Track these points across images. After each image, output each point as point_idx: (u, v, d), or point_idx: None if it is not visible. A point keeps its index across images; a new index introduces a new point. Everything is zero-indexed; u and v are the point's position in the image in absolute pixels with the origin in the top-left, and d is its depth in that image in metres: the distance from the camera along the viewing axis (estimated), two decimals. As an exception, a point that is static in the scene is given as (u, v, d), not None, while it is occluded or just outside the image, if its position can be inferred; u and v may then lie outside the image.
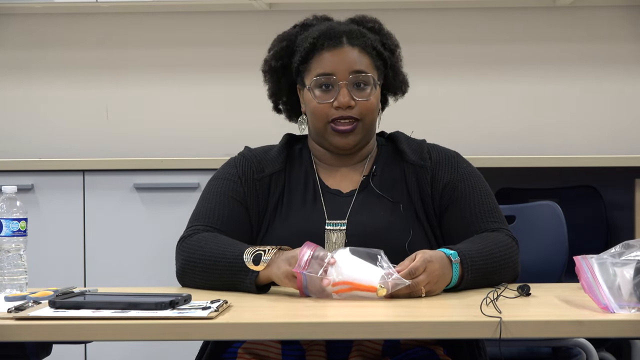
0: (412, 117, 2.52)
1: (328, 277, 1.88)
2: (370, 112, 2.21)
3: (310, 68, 2.22)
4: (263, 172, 2.24)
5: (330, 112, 2.19)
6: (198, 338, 1.75)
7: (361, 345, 2.00)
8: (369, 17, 2.32)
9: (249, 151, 2.30)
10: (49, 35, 4.38)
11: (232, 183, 2.23)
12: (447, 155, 2.27)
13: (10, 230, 1.96)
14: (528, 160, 3.84)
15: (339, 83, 2.18)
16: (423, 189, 2.21)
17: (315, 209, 2.20)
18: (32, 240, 2.08)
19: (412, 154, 2.25)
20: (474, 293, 1.93)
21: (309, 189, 2.23)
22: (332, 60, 2.19)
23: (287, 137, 2.33)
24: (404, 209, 2.19)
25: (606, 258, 1.72)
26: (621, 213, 4.02)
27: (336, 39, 2.20)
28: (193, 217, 2.21)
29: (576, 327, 1.66)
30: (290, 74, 2.28)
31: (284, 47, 2.27)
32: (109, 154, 4.27)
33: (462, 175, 2.23)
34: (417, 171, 2.23)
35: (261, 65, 2.33)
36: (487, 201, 2.20)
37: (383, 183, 2.23)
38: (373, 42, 2.23)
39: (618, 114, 4.27)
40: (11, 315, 1.72)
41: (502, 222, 2.20)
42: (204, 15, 4.34)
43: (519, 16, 4.29)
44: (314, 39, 2.21)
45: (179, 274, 2.13)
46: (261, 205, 2.21)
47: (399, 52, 2.31)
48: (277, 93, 2.33)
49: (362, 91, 2.20)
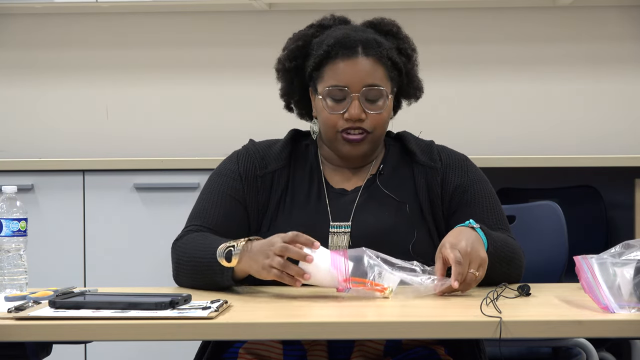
0: (412, 117, 2.51)
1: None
2: (381, 125, 2.20)
3: (323, 76, 2.20)
4: (266, 168, 2.23)
5: (340, 123, 2.18)
6: (198, 338, 1.75)
7: (363, 346, 2.00)
8: (387, 20, 2.29)
9: (253, 145, 2.29)
10: (49, 35, 4.38)
11: (231, 180, 2.22)
12: (457, 158, 2.26)
13: (10, 230, 1.95)
14: (528, 160, 3.84)
15: (351, 95, 2.16)
16: (432, 190, 2.20)
17: (320, 209, 2.19)
18: (32, 240, 2.08)
19: (421, 154, 2.24)
20: (474, 293, 1.93)
21: (314, 188, 2.23)
22: (346, 71, 2.17)
23: (293, 132, 2.31)
24: (409, 209, 2.18)
25: (606, 258, 1.72)
26: (621, 213, 4.02)
27: (351, 48, 2.18)
28: (190, 216, 2.22)
29: (576, 327, 1.66)
30: (303, 74, 2.26)
31: (299, 47, 2.25)
32: (109, 154, 4.27)
33: (472, 180, 2.22)
34: (426, 172, 2.22)
35: (275, 63, 2.30)
36: (495, 208, 2.21)
37: (390, 182, 2.23)
38: (389, 52, 2.20)
39: (618, 114, 4.27)
40: (11, 315, 1.72)
41: (508, 229, 2.20)
42: (204, 15, 4.34)
43: (519, 16, 4.29)
44: (329, 47, 2.18)
45: (173, 276, 2.15)
46: (262, 203, 2.20)
47: (415, 57, 2.29)
48: (289, 93, 2.31)
49: (374, 104, 2.18)
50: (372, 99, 2.17)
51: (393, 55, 2.21)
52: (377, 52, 2.18)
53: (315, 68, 2.21)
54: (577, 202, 3.97)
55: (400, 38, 2.27)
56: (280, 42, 2.34)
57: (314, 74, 2.22)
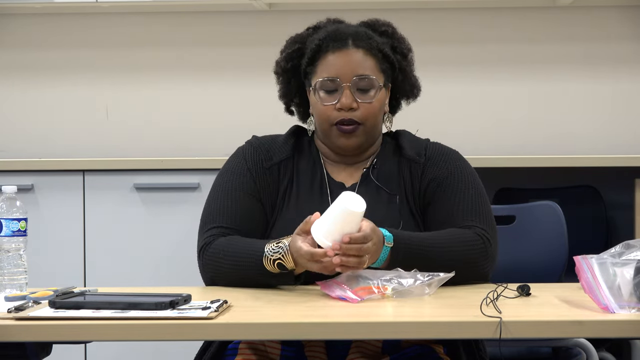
0: (412, 117, 2.51)
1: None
2: (373, 115, 2.23)
3: (316, 70, 2.24)
4: (272, 160, 2.27)
5: (333, 115, 2.21)
6: (198, 338, 1.75)
7: (361, 342, 2.02)
8: (382, 21, 2.33)
9: (256, 140, 2.32)
10: (49, 35, 4.38)
11: (242, 177, 2.24)
12: (442, 152, 2.28)
13: (10, 230, 1.95)
14: (528, 160, 3.84)
15: (342, 85, 2.20)
16: (413, 184, 2.24)
17: (321, 200, 2.23)
18: (32, 240, 2.08)
19: (410, 149, 2.28)
20: (474, 293, 1.93)
21: (316, 180, 2.26)
22: (336, 62, 2.21)
23: (295, 127, 2.35)
24: (399, 201, 2.22)
25: (606, 258, 1.72)
26: (621, 213, 4.02)
27: (342, 40, 2.22)
28: (207, 218, 2.22)
29: (576, 327, 1.66)
30: (300, 74, 2.29)
31: (296, 49, 2.29)
32: (109, 154, 4.27)
33: (450, 173, 2.24)
34: (411, 166, 2.26)
35: (273, 67, 2.34)
36: (469, 199, 2.21)
37: (381, 176, 2.26)
38: (380, 45, 2.24)
39: (618, 114, 4.27)
40: (11, 315, 1.72)
41: (480, 221, 2.18)
42: (204, 15, 4.34)
43: (519, 16, 4.29)
44: (320, 41, 2.23)
45: (209, 284, 2.17)
46: (273, 194, 2.24)
47: (411, 57, 2.33)
48: (287, 94, 2.35)
49: (365, 94, 2.21)
50: (363, 88, 2.21)
51: (384, 48, 2.25)
52: (367, 43, 2.23)
53: (309, 63, 2.25)
54: (577, 202, 3.97)
55: (395, 38, 2.31)
56: (280, 42, 2.36)
57: (308, 69, 2.26)
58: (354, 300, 1.85)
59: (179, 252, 3.61)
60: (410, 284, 1.89)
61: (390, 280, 1.90)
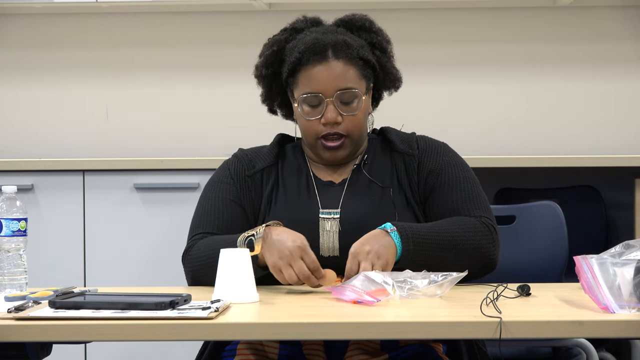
0: (412, 117, 2.52)
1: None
2: (358, 127, 2.25)
3: (297, 82, 2.24)
4: (254, 167, 2.29)
5: (318, 129, 2.23)
6: (198, 338, 1.75)
7: (360, 340, 2.02)
8: (359, 16, 2.33)
9: (241, 152, 2.36)
10: (49, 35, 4.38)
11: (225, 185, 2.28)
12: (434, 145, 2.31)
13: (10, 230, 1.96)
14: (528, 160, 3.84)
15: (325, 100, 2.21)
16: (410, 176, 2.26)
17: (310, 199, 2.25)
18: (32, 240, 2.08)
19: (401, 144, 2.30)
20: (474, 293, 1.93)
21: (302, 181, 2.28)
22: (318, 77, 2.21)
23: (279, 136, 2.38)
24: (393, 194, 2.23)
25: (606, 258, 1.72)
26: (621, 213, 4.02)
27: (321, 53, 2.21)
28: (192, 227, 2.26)
29: (576, 327, 1.66)
30: (280, 79, 2.31)
31: (273, 52, 2.30)
32: (109, 154, 4.27)
33: (446, 163, 2.27)
34: (405, 159, 2.28)
35: (253, 70, 2.35)
36: (469, 189, 2.24)
37: (373, 170, 2.28)
38: (359, 52, 2.24)
39: (618, 114, 4.27)
40: (11, 315, 1.72)
41: (483, 209, 2.22)
42: (204, 15, 4.34)
43: (519, 16, 4.29)
44: (300, 54, 2.23)
45: (190, 284, 2.18)
46: (255, 201, 2.27)
47: (390, 49, 2.33)
48: (270, 98, 2.37)
49: (349, 106, 2.22)
50: (347, 101, 2.22)
51: (364, 54, 2.25)
52: (347, 53, 2.22)
53: (290, 74, 2.26)
54: (577, 202, 3.97)
55: (373, 31, 2.31)
56: (280, 42, 2.36)
57: (289, 80, 2.27)
58: (371, 303, 1.84)
59: (178, 252, 3.61)
60: (424, 284, 1.89)
61: (404, 282, 1.90)
